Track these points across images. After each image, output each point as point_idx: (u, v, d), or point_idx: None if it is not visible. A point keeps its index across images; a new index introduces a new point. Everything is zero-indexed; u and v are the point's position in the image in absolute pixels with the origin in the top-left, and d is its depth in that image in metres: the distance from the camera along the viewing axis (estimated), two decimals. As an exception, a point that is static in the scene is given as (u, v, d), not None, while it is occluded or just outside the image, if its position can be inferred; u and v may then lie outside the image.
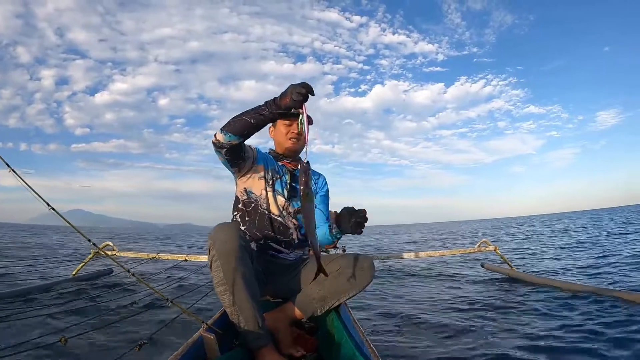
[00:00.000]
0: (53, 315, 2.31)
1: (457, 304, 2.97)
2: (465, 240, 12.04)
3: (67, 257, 5.51)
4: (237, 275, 1.16)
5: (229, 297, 1.17)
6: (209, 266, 1.22)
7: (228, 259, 1.16)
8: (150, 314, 2.32)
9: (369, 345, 1.15)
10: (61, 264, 4.80)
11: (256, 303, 1.21)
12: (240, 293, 1.17)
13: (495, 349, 1.88)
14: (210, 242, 1.19)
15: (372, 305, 3.01)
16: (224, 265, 1.16)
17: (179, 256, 3.71)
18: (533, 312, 2.55)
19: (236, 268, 1.16)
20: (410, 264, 5.88)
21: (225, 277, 1.16)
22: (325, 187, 1.70)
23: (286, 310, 1.42)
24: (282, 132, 1.56)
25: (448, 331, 2.22)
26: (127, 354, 1.32)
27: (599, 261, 5.06)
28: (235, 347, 1.26)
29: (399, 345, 1.99)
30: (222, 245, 1.16)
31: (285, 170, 1.59)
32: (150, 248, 9.54)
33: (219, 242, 1.16)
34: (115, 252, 3.64)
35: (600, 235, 9.62)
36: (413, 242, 12.92)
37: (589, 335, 1.99)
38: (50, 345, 1.56)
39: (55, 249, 6.52)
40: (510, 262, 4.00)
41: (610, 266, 4.55)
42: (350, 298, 1.44)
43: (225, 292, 1.17)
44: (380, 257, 3.47)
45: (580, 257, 5.75)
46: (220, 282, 1.17)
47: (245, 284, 1.18)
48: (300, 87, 1.13)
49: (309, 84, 1.14)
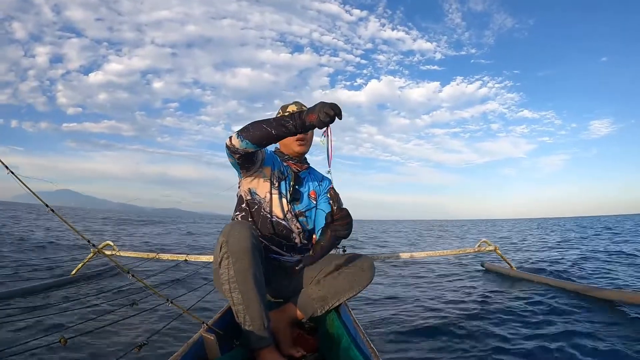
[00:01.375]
0: (52, 315, 2.30)
1: (457, 303, 2.97)
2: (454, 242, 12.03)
3: (66, 256, 5.49)
4: (248, 274, 1.16)
5: (237, 295, 1.16)
6: (217, 263, 1.20)
7: (240, 257, 1.15)
8: (150, 314, 2.31)
9: (369, 345, 1.14)
10: (60, 263, 4.79)
11: (264, 303, 1.20)
12: (249, 292, 1.16)
13: (496, 349, 1.88)
14: (222, 239, 1.17)
15: (372, 305, 3.01)
16: (235, 264, 1.15)
17: (179, 256, 3.70)
18: (533, 312, 2.55)
19: (248, 267, 1.16)
20: (410, 263, 5.88)
21: (235, 275, 1.15)
22: (329, 189, 1.67)
23: (287, 311, 1.41)
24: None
25: (448, 331, 2.22)
26: (126, 355, 1.32)
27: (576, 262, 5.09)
28: (236, 347, 1.26)
29: (399, 345, 1.99)
30: (235, 244, 1.15)
31: (290, 171, 1.58)
32: (151, 233, 9.53)
33: (232, 240, 1.15)
34: (115, 251, 3.62)
35: (583, 239, 9.68)
36: (412, 244, 12.92)
37: (588, 335, 1.99)
38: (50, 345, 1.55)
39: (52, 244, 6.52)
40: (511, 262, 4.01)
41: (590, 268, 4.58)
42: (350, 298, 1.44)
43: (234, 290, 1.16)
44: (380, 257, 3.47)
45: (558, 258, 5.78)
46: (229, 280, 1.17)
47: (256, 283, 1.17)
48: (329, 107, 1.06)
49: (338, 106, 1.08)
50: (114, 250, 3.63)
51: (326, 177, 1.70)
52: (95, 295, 3.06)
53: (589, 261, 5.19)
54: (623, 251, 6.17)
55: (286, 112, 1.56)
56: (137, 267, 3.72)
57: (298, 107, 1.57)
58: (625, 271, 4.26)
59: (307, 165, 1.66)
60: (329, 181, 1.69)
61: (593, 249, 6.75)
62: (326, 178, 1.70)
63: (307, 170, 1.66)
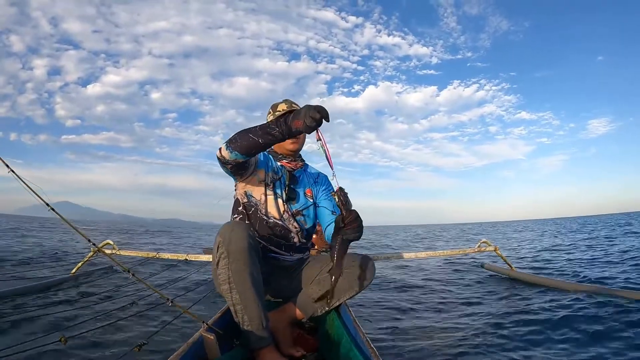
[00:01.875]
0: (52, 314, 2.30)
1: (456, 304, 2.97)
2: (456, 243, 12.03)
3: (64, 255, 5.50)
4: (245, 274, 1.16)
5: (235, 295, 1.17)
6: (215, 263, 1.20)
7: (237, 257, 1.15)
8: (150, 313, 2.31)
9: (369, 345, 1.14)
10: (59, 262, 4.80)
11: (262, 303, 1.20)
12: (247, 292, 1.16)
13: (496, 349, 1.88)
14: (219, 239, 1.17)
15: (372, 305, 3.01)
16: (232, 264, 1.15)
17: (179, 255, 3.70)
18: (533, 312, 2.55)
19: (245, 267, 1.16)
20: (410, 263, 5.88)
21: (232, 275, 1.15)
22: (327, 184, 1.65)
23: (286, 311, 1.42)
24: None
25: (448, 331, 2.22)
26: (126, 354, 1.32)
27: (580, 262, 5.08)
28: (236, 347, 1.25)
29: (399, 345, 1.99)
30: (232, 244, 1.15)
31: (284, 171, 1.57)
32: (154, 244, 9.55)
33: (229, 240, 1.15)
34: (115, 250, 3.62)
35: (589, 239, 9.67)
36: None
37: (588, 335, 1.99)
38: (50, 345, 1.55)
39: (53, 245, 6.53)
40: (511, 263, 4.00)
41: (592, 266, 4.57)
42: (350, 298, 1.44)
43: (232, 291, 1.16)
44: (380, 257, 3.47)
45: (555, 257, 5.77)
46: (226, 280, 1.17)
47: (253, 283, 1.17)
48: (314, 110, 1.02)
49: (324, 108, 1.03)
50: (114, 249, 3.62)
51: (322, 173, 1.69)
52: (95, 294, 3.07)
53: (587, 261, 5.19)
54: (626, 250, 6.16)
55: (277, 111, 1.54)
56: (137, 266, 3.72)
57: (288, 105, 1.55)
58: (629, 271, 4.25)
59: (302, 163, 1.64)
60: (325, 177, 1.68)
61: (591, 248, 6.75)
62: (322, 173, 1.69)
63: (302, 168, 1.63)
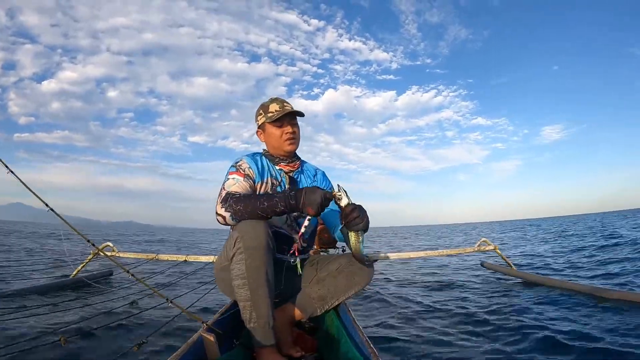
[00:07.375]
0: (53, 315, 2.30)
1: (456, 303, 2.97)
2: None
3: (66, 257, 5.50)
4: (260, 271, 1.16)
5: (247, 292, 1.16)
6: (229, 258, 1.20)
7: (254, 254, 1.15)
8: (150, 314, 2.31)
9: (368, 345, 1.15)
10: (59, 264, 4.80)
11: (271, 303, 1.20)
12: (259, 289, 1.16)
13: (495, 349, 1.88)
14: (237, 234, 1.17)
15: (371, 305, 3.02)
16: (248, 260, 1.15)
17: (178, 256, 3.72)
18: (532, 311, 2.55)
19: (261, 265, 1.16)
20: (408, 263, 5.89)
21: (247, 271, 1.16)
22: (325, 181, 1.63)
23: (286, 310, 1.42)
24: (276, 134, 1.47)
25: (448, 331, 2.22)
26: (125, 353, 1.32)
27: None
28: (235, 347, 1.26)
29: (399, 345, 1.99)
30: (250, 240, 1.15)
31: (283, 174, 1.52)
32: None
33: (248, 236, 1.16)
34: (115, 252, 3.64)
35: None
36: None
37: (587, 334, 1.99)
38: (50, 345, 1.55)
39: (50, 249, 6.54)
40: (510, 261, 4.01)
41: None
42: (349, 297, 1.44)
43: (243, 287, 1.16)
44: (379, 257, 3.47)
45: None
46: (240, 276, 1.17)
47: (267, 281, 1.18)
48: (328, 201, 1.16)
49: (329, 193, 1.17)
50: (113, 252, 3.64)
51: (319, 170, 1.65)
52: (95, 295, 3.07)
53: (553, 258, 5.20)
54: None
55: (268, 112, 1.47)
56: (137, 268, 3.73)
57: (279, 105, 1.48)
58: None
59: (298, 162, 1.58)
60: (322, 173, 1.65)
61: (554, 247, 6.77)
62: (319, 170, 1.65)
63: (300, 169, 1.58)
